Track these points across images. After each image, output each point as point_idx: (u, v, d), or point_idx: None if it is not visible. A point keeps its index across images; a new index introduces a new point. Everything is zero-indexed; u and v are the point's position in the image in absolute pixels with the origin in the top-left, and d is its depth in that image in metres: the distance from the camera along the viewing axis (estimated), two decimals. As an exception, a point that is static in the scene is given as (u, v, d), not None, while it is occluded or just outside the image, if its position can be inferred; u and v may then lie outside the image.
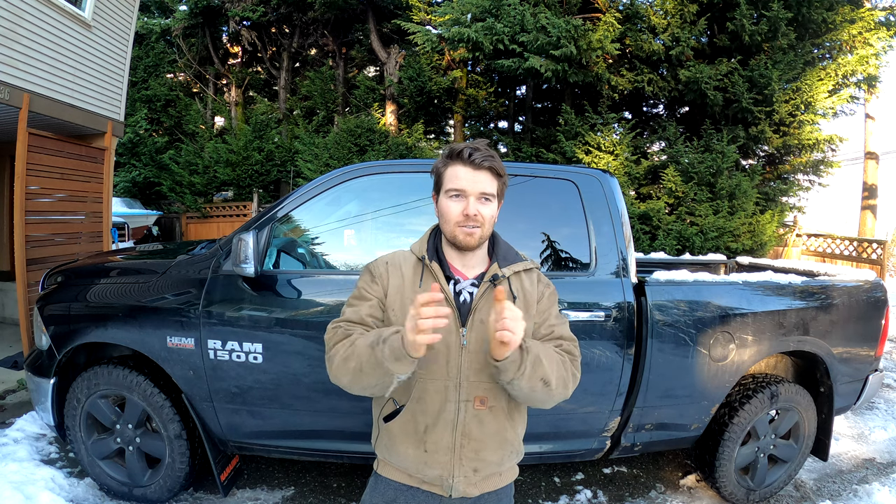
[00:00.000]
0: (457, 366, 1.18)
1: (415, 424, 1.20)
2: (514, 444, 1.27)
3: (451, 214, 1.20)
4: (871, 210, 12.49)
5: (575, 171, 2.54)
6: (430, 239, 1.29)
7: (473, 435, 1.19)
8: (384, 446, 1.26)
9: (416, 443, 1.20)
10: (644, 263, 3.97)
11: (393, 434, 1.23)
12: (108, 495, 2.58)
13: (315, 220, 2.43)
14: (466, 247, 1.21)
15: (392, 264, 1.28)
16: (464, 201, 1.19)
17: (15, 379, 4.12)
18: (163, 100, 14.23)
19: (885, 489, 2.90)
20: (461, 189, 1.19)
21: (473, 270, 1.26)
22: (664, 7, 8.20)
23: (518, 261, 1.30)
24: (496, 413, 1.21)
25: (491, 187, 1.21)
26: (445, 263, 1.25)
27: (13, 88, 4.24)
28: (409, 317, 0.99)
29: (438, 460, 1.19)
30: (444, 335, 1.14)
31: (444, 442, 1.19)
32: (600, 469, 3.11)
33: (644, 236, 8.13)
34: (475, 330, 1.19)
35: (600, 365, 2.33)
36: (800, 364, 2.94)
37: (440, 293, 1.00)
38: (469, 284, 1.24)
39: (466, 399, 1.19)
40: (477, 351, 1.19)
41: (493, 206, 1.22)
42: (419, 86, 10.84)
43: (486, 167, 1.19)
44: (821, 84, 8.24)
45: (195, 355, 2.28)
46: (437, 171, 1.25)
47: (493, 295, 1.15)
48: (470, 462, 1.20)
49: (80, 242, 5.17)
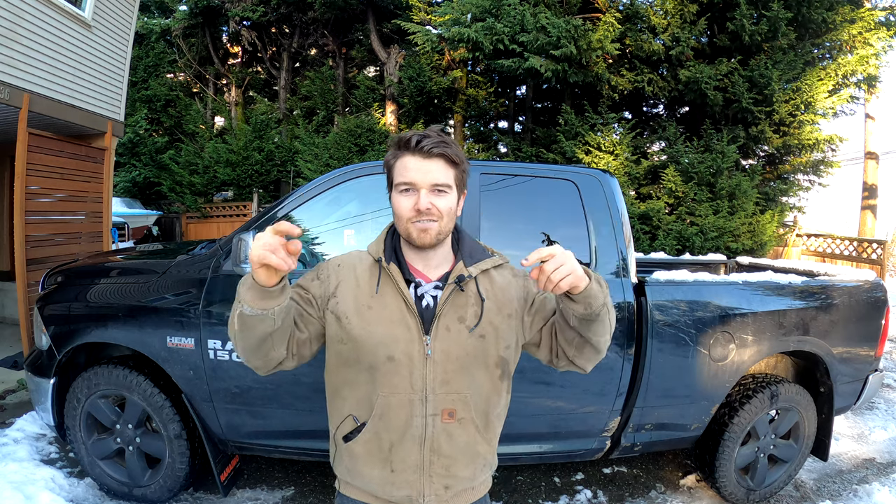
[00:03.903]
0: (421, 377, 1.08)
1: (378, 443, 1.09)
2: (486, 456, 1.18)
3: (403, 210, 1.07)
4: (871, 210, 12.49)
5: (575, 171, 2.54)
6: (388, 238, 1.17)
7: (443, 451, 1.10)
8: (345, 468, 1.16)
9: (382, 462, 1.10)
10: (644, 263, 3.97)
11: (355, 454, 1.12)
12: (108, 495, 2.58)
13: (315, 220, 2.43)
14: (423, 245, 1.09)
15: (345, 266, 1.16)
16: (415, 195, 1.06)
17: (15, 379, 4.12)
18: (163, 100, 14.22)
19: (885, 489, 2.90)
20: (411, 182, 1.06)
21: (436, 271, 1.14)
22: (664, 7, 8.19)
23: (486, 257, 1.17)
24: (466, 425, 1.11)
25: (445, 177, 1.07)
26: (405, 264, 1.12)
27: (13, 88, 4.24)
28: (257, 240, 0.90)
29: (406, 479, 1.10)
30: (406, 345, 1.07)
31: (411, 460, 1.09)
32: (600, 469, 3.11)
33: (644, 236, 8.13)
34: (440, 338, 1.08)
35: (600, 365, 2.28)
36: (800, 364, 2.94)
37: (297, 228, 0.91)
38: (432, 287, 1.12)
39: (434, 413, 1.09)
40: (443, 361, 1.08)
41: (450, 198, 1.09)
42: (419, 86, 10.84)
43: (437, 154, 1.06)
44: (821, 84, 8.24)
45: (195, 355, 2.28)
46: (387, 165, 1.12)
47: (459, 299, 1.11)
48: (440, 479, 1.11)
49: (80, 242, 5.17)
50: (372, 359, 1.08)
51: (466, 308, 1.11)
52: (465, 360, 1.10)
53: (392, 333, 1.08)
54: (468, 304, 1.12)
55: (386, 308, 1.09)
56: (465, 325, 1.10)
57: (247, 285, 0.96)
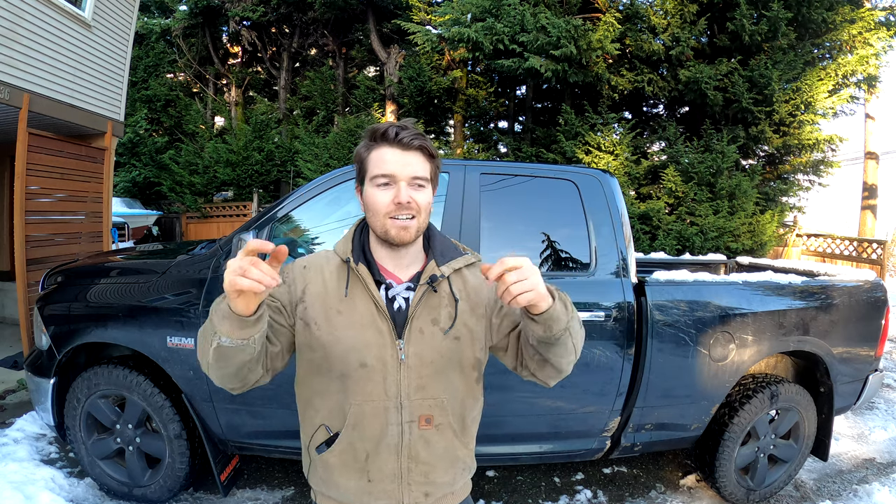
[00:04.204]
0: (396, 383, 1.04)
1: (354, 453, 1.06)
2: (465, 460, 1.15)
3: (381, 205, 1.01)
4: (871, 210, 12.49)
5: (575, 171, 2.54)
6: (356, 237, 1.11)
7: (421, 457, 1.07)
8: (319, 479, 1.12)
9: (358, 472, 1.06)
10: (644, 263, 3.97)
11: (330, 465, 1.08)
12: (108, 495, 2.58)
13: (315, 220, 2.43)
14: (401, 242, 1.03)
15: (311, 268, 1.10)
16: (394, 188, 1.01)
17: (15, 379, 4.12)
18: (163, 100, 14.22)
19: (885, 489, 2.90)
20: (390, 174, 1.01)
21: (408, 270, 1.09)
22: (664, 7, 8.20)
23: (458, 255, 1.12)
24: (444, 430, 1.08)
25: (423, 170, 1.03)
26: (374, 265, 1.07)
27: (13, 88, 4.24)
28: (228, 267, 0.83)
29: (384, 489, 1.06)
30: (379, 350, 1.03)
31: (388, 468, 1.06)
32: (600, 469, 3.11)
33: (644, 236, 8.13)
34: (414, 342, 1.04)
35: (600, 365, 2.33)
36: (800, 364, 2.94)
37: (270, 243, 0.84)
38: (404, 289, 1.07)
39: (410, 420, 1.05)
40: (418, 365, 1.04)
41: (427, 193, 1.05)
42: (419, 86, 10.84)
43: (416, 147, 1.02)
44: (821, 84, 8.24)
45: (195, 355, 2.27)
46: (359, 157, 1.07)
47: (432, 301, 1.06)
48: (420, 487, 1.08)
49: (80, 242, 5.17)
50: (343, 366, 1.03)
51: (440, 309, 1.07)
52: (440, 363, 1.06)
53: (364, 338, 1.03)
54: (441, 304, 1.08)
55: (356, 312, 1.05)
56: (440, 327, 1.06)
57: (221, 314, 0.87)
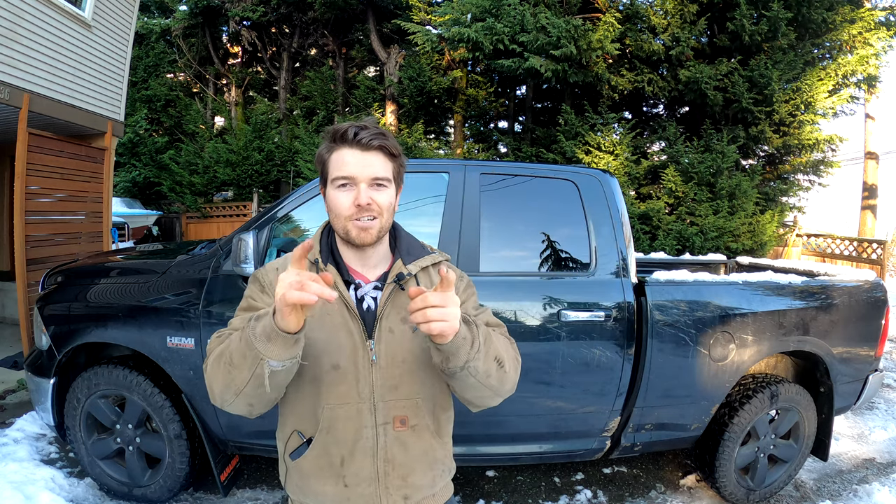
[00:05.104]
0: (368, 385, 1.02)
1: (329, 458, 1.04)
2: (444, 461, 1.14)
3: (342, 207, 1.02)
4: (871, 210, 12.50)
5: (575, 171, 2.54)
6: (324, 237, 1.11)
7: (398, 460, 1.05)
8: (296, 486, 1.09)
9: (334, 478, 1.04)
10: (644, 263, 3.97)
11: (305, 472, 1.06)
12: (108, 495, 2.58)
13: (315, 220, 2.43)
14: (363, 244, 1.03)
15: (284, 270, 1.07)
16: (353, 189, 1.01)
17: (15, 379, 4.12)
18: (163, 100, 14.23)
19: (885, 489, 2.90)
20: (350, 176, 1.01)
21: (375, 270, 1.09)
22: (664, 7, 8.20)
23: (425, 254, 1.14)
24: (420, 431, 1.07)
25: (384, 170, 1.03)
26: (343, 265, 1.07)
27: (13, 88, 4.24)
28: (281, 282, 0.82)
29: (362, 494, 1.04)
30: (351, 351, 1.02)
31: (365, 472, 1.04)
32: (600, 469, 3.11)
33: (644, 236, 8.14)
34: (384, 342, 1.03)
35: (600, 365, 2.33)
36: (800, 364, 2.94)
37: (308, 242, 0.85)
38: (372, 288, 1.07)
39: (384, 422, 1.04)
40: (389, 365, 1.03)
41: (389, 193, 1.05)
42: (419, 86, 10.84)
43: (376, 147, 1.01)
44: (821, 84, 8.24)
45: (195, 355, 2.28)
46: (321, 159, 1.06)
47: (400, 299, 1.05)
48: (398, 490, 1.06)
49: (80, 242, 5.17)
50: (315, 369, 1.02)
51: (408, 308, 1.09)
52: (411, 362, 1.05)
53: (336, 340, 1.02)
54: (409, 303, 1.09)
55: (327, 314, 1.03)
56: (409, 325, 1.05)
57: (264, 335, 0.85)
